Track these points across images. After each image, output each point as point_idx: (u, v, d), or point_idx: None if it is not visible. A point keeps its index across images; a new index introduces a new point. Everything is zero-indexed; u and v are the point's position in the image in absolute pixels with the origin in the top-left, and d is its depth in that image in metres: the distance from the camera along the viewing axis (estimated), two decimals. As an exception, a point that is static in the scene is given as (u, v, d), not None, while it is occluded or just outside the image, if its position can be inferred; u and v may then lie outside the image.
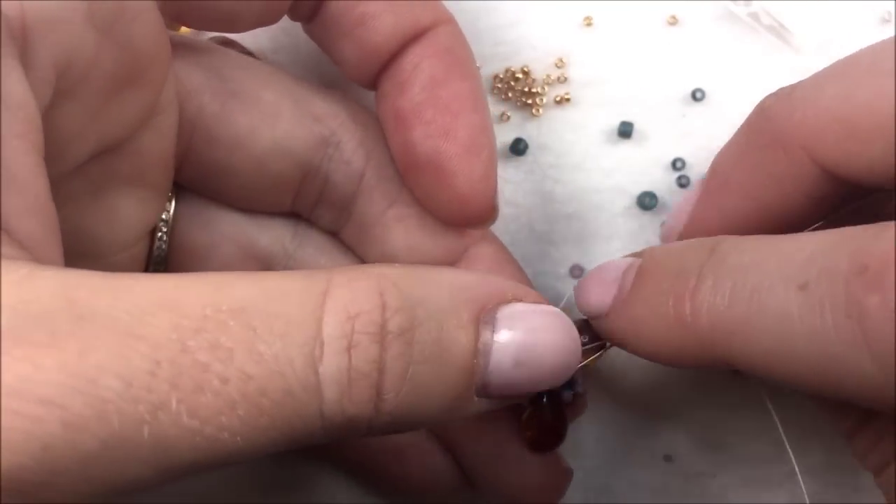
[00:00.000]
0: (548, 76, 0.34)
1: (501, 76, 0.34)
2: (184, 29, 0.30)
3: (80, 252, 0.25)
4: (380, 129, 0.28)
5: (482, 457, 0.29)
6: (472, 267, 0.28)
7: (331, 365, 0.18)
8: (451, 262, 0.28)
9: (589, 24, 0.34)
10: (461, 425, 0.29)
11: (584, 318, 0.26)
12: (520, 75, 0.34)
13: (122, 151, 0.24)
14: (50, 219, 0.19)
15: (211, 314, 0.17)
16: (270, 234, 0.29)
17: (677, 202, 0.29)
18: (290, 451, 0.19)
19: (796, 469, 0.27)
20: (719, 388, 0.33)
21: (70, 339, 0.16)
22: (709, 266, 0.22)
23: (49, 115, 0.20)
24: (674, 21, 0.34)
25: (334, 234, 0.29)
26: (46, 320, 0.16)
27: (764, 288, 0.20)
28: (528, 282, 0.29)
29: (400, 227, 0.28)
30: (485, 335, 0.21)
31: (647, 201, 0.33)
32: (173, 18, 0.25)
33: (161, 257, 0.28)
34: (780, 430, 0.27)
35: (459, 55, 0.26)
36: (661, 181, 0.34)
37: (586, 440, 0.33)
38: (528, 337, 0.22)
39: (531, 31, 0.34)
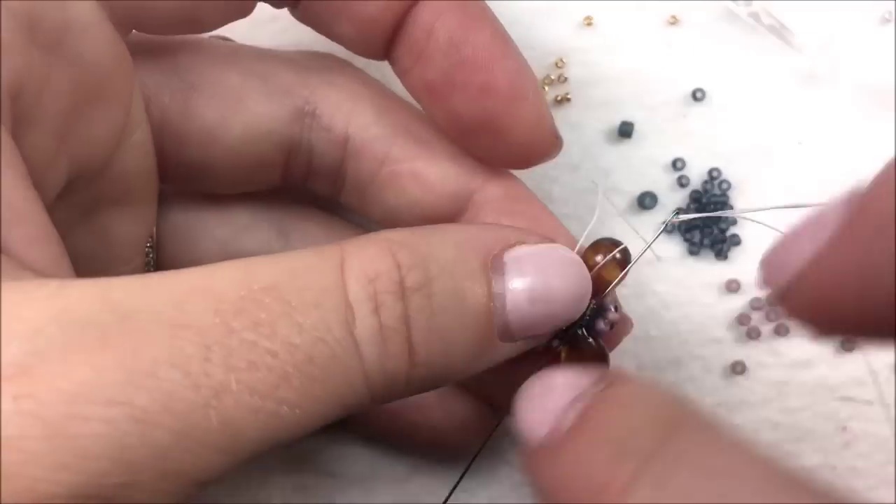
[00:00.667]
0: (548, 76, 0.34)
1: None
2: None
3: (80, 273, 0.25)
4: (356, 86, 0.27)
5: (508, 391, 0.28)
6: (479, 213, 0.27)
7: (364, 326, 0.19)
8: (456, 210, 0.27)
9: (589, 24, 0.34)
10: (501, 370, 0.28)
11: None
12: (519, 75, 0.34)
13: (105, 175, 0.24)
14: (57, 245, 0.20)
15: (246, 294, 0.18)
16: (255, 239, 0.29)
17: (788, 234, 0.20)
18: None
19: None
20: (719, 388, 0.34)
21: (121, 338, 0.16)
22: (655, 461, 0.18)
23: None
24: (674, 21, 0.34)
25: (334, 199, 0.29)
26: (93, 324, 0.17)
27: None
28: (542, 212, 0.28)
29: (396, 185, 0.27)
30: (496, 279, 0.21)
31: (646, 201, 0.33)
32: (129, 26, 0.24)
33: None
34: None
35: (469, 6, 0.25)
36: (661, 181, 0.34)
37: (585, 440, 0.33)
38: (537, 274, 0.22)
39: (531, 31, 0.34)
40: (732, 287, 0.34)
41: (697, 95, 0.34)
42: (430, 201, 0.27)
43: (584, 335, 0.25)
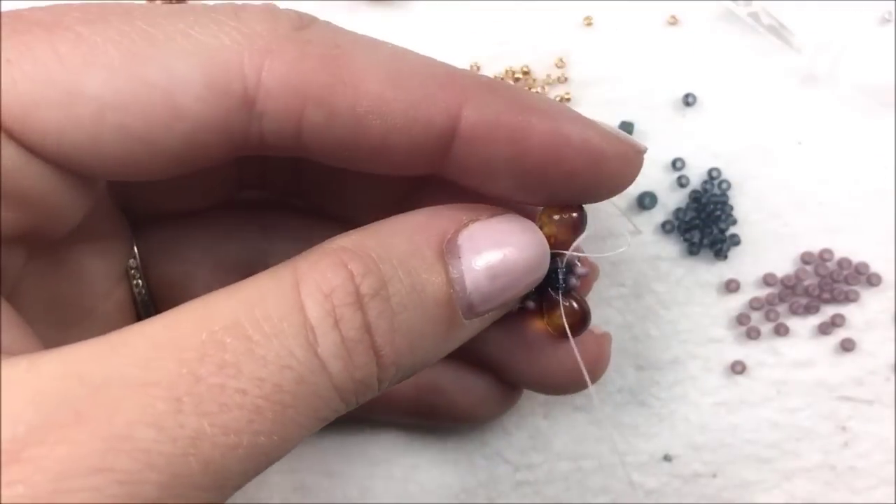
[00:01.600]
0: (548, 76, 0.34)
1: (502, 76, 0.34)
2: None
3: (67, 317, 0.25)
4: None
5: (522, 359, 0.29)
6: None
7: (326, 343, 0.20)
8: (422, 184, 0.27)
9: (589, 24, 0.34)
10: (493, 341, 0.28)
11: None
12: (520, 75, 0.34)
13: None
14: (13, 317, 0.21)
15: (207, 337, 0.19)
16: (238, 243, 0.29)
17: None
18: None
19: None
20: (719, 388, 0.34)
21: (94, 409, 0.17)
22: None
23: None
24: (674, 21, 0.34)
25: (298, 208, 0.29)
26: (66, 401, 0.17)
27: None
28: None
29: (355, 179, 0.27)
30: (453, 263, 0.22)
31: (646, 201, 0.33)
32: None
33: (145, 299, 0.28)
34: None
35: (508, 119, 0.23)
36: (661, 181, 0.34)
37: (586, 440, 0.34)
38: (493, 249, 0.22)
39: (531, 31, 0.34)
40: (732, 287, 0.34)
41: (689, 100, 0.34)
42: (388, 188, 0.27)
43: (559, 297, 0.25)
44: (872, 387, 0.34)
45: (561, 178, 0.23)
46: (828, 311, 0.34)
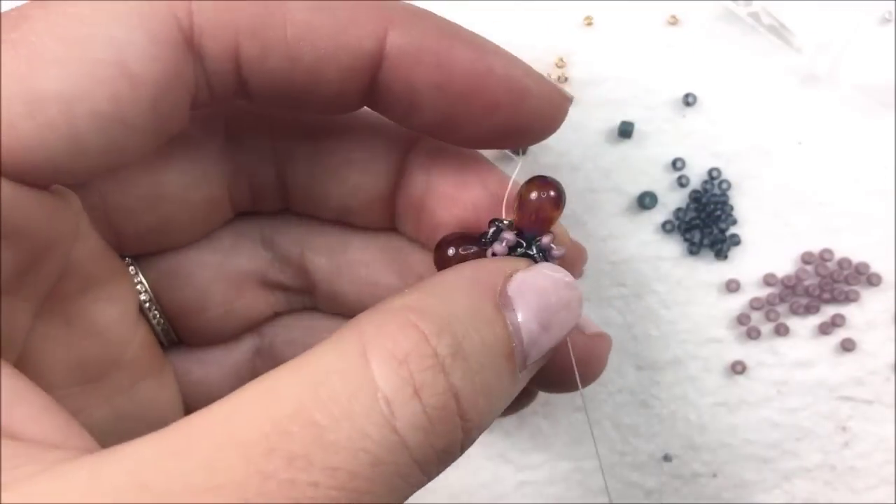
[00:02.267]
0: (548, 76, 0.34)
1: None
2: None
3: (92, 373, 0.25)
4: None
5: None
6: (414, 172, 0.27)
7: (405, 416, 0.18)
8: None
9: (589, 24, 0.34)
10: None
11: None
12: (520, 75, 0.34)
13: (60, 277, 0.24)
14: (51, 405, 0.19)
15: (271, 429, 0.17)
16: (245, 255, 0.28)
17: None
18: None
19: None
20: (719, 388, 0.34)
21: None
22: None
23: None
24: (674, 21, 0.34)
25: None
26: None
27: None
28: (480, 163, 0.27)
29: (339, 177, 0.27)
30: (509, 316, 0.21)
31: (646, 201, 0.33)
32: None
33: (166, 328, 0.28)
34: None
35: (433, 44, 0.23)
36: (661, 181, 0.34)
37: (584, 440, 0.34)
38: (540, 300, 0.22)
39: (531, 31, 0.34)
40: (732, 287, 0.34)
41: (697, 95, 0.34)
42: (375, 189, 0.27)
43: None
44: (872, 387, 0.34)
45: (484, 110, 0.23)
46: (828, 311, 0.34)
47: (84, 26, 0.19)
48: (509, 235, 0.24)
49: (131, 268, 0.27)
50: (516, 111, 0.23)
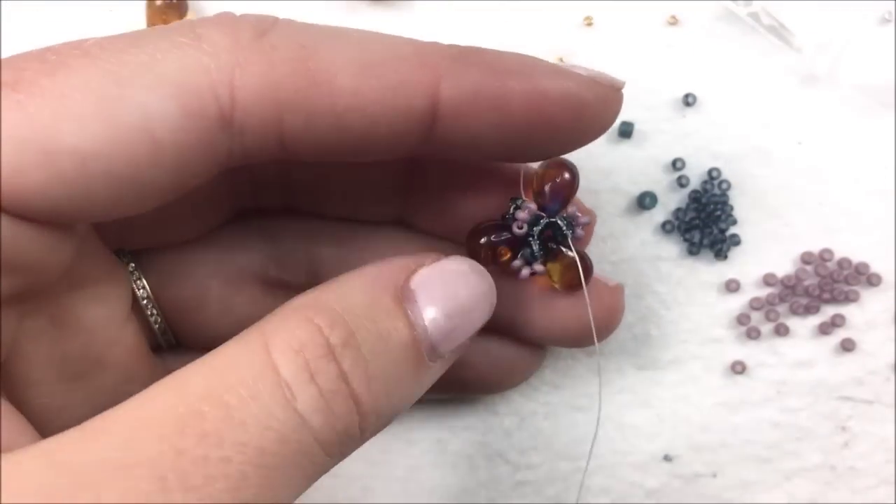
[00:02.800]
0: (548, 76, 0.34)
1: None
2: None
3: (76, 371, 0.25)
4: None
5: (537, 317, 0.29)
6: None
7: (304, 398, 0.19)
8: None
9: (589, 24, 0.34)
10: (507, 303, 0.28)
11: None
12: (520, 75, 0.34)
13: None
14: (12, 415, 0.20)
15: (185, 410, 0.18)
16: (245, 253, 0.29)
17: None
18: None
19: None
20: (719, 388, 0.34)
21: (77, 498, 0.17)
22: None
23: None
24: (674, 21, 0.34)
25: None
26: (49, 494, 0.17)
27: None
28: None
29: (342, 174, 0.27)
30: (411, 308, 0.22)
31: (646, 201, 0.33)
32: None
33: (163, 327, 0.28)
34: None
35: (486, 86, 0.23)
36: (660, 181, 0.34)
37: (584, 440, 0.34)
38: (445, 291, 0.23)
39: (531, 31, 0.34)
40: (732, 287, 0.34)
41: (697, 95, 0.34)
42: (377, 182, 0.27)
43: (571, 251, 0.26)
44: (872, 387, 0.34)
45: (545, 133, 0.23)
46: (828, 311, 0.34)
47: (118, 87, 0.20)
48: (531, 206, 0.25)
49: (131, 265, 0.27)
50: (576, 124, 0.24)
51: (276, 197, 0.28)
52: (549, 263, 0.26)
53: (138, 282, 0.27)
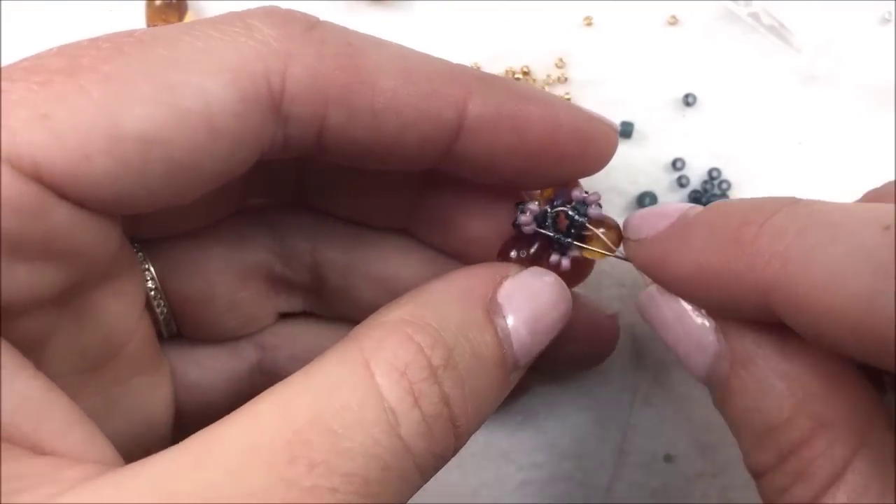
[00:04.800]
0: (548, 76, 0.34)
1: (502, 76, 0.34)
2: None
3: (94, 361, 0.25)
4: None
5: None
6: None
7: (408, 423, 0.19)
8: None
9: (589, 24, 0.34)
10: None
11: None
12: (520, 75, 0.34)
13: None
14: (80, 418, 0.20)
15: (293, 438, 0.18)
16: (252, 249, 0.28)
17: (645, 214, 0.26)
18: None
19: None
20: (719, 388, 0.34)
21: None
22: (789, 206, 0.21)
23: None
24: (674, 21, 0.34)
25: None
26: None
27: (844, 223, 0.19)
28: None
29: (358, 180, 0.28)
30: (499, 323, 0.23)
31: (646, 201, 0.33)
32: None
33: (168, 319, 0.28)
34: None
35: (509, 111, 0.24)
36: (660, 181, 0.34)
37: (587, 440, 0.33)
38: (529, 306, 0.23)
39: (531, 31, 0.34)
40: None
41: (689, 100, 0.34)
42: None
43: (590, 228, 0.26)
44: (873, 386, 0.34)
45: (553, 159, 0.24)
46: (829, 311, 0.34)
47: (178, 73, 0.20)
48: (531, 206, 0.26)
49: (140, 255, 0.27)
50: (582, 156, 0.25)
51: (287, 193, 0.29)
52: (587, 245, 0.26)
53: (147, 272, 0.27)
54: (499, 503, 0.33)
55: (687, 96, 0.34)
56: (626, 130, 0.34)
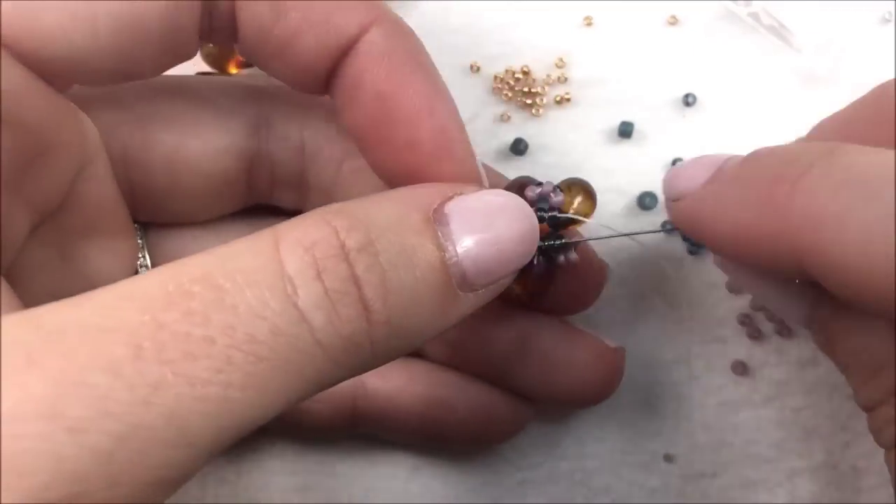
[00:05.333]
0: (548, 76, 0.34)
1: (502, 76, 0.34)
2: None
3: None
4: (306, 95, 0.26)
5: (533, 373, 0.29)
6: None
7: (307, 295, 0.19)
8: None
9: (589, 24, 0.34)
10: (504, 354, 0.28)
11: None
12: (520, 75, 0.34)
13: (66, 207, 0.24)
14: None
15: (174, 289, 0.18)
16: None
17: (682, 168, 0.26)
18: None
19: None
20: (721, 387, 0.33)
21: (47, 355, 0.16)
22: (824, 159, 0.20)
23: None
24: (674, 21, 0.34)
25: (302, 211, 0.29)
26: (18, 345, 0.16)
27: (880, 179, 0.18)
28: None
29: (358, 180, 0.27)
30: (442, 231, 0.21)
31: (646, 201, 0.33)
32: (66, 82, 0.24)
33: None
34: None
35: (400, 58, 0.24)
36: (661, 181, 0.34)
37: (586, 440, 0.33)
38: (480, 219, 0.22)
39: (531, 31, 0.34)
40: (734, 287, 0.34)
41: (689, 100, 0.34)
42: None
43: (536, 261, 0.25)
44: (874, 386, 0.33)
45: (406, 142, 0.24)
46: (829, 311, 0.34)
47: None
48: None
49: (139, 237, 0.28)
50: (433, 163, 0.24)
51: (290, 198, 0.29)
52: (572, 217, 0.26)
53: (142, 258, 0.28)
54: (498, 503, 0.33)
55: (687, 96, 0.34)
56: (626, 130, 0.34)
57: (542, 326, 0.29)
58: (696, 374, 0.34)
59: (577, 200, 0.26)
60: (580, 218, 0.26)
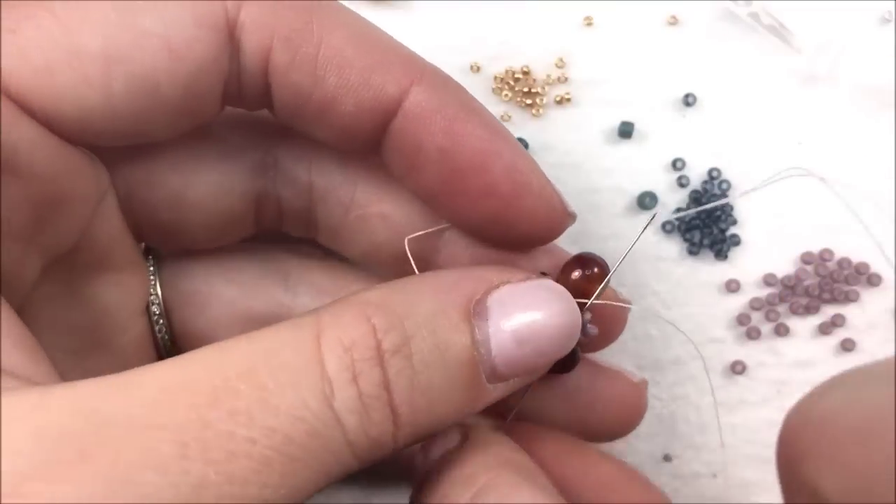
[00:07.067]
0: (548, 76, 0.34)
1: (502, 76, 0.34)
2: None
3: (83, 346, 0.25)
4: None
5: (557, 411, 0.29)
6: (454, 247, 0.27)
7: (343, 398, 0.19)
8: (430, 247, 0.27)
9: (589, 24, 0.34)
10: (527, 392, 0.28)
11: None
12: (520, 75, 0.34)
13: (76, 246, 0.24)
14: (30, 342, 0.20)
15: (220, 384, 0.18)
16: (263, 297, 0.28)
17: None
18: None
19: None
20: (719, 387, 0.34)
21: (98, 448, 0.17)
22: None
23: None
24: (674, 21, 0.34)
25: (313, 241, 0.29)
26: (70, 437, 0.17)
27: None
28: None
29: (366, 228, 0.27)
30: (479, 325, 0.22)
31: (646, 201, 0.33)
32: (79, 142, 0.23)
33: (167, 343, 0.28)
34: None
35: (453, 110, 0.23)
36: (661, 181, 0.34)
37: (585, 440, 0.34)
38: (522, 313, 0.22)
39: (531, 31, 0.34)
40: (732, 287, 0.34)
41: (689, 100, 0.34)
42: (401, 242, 0.27)
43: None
44: (872, 387, 0.34)
45: (481, 190, 0.24)
46: (828, 312, 0.34)
47: None
48: None
49: (150, 266, 0.27)
50: (513, 203, 0.24)
51: (299, 230, 0.29)
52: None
53: (153, 287, 0.27)
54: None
55: (687, 96, 0.34)
56: (626, 130, 0.34)
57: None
58: (694, 375, 0.34)
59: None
60: (615, 303, 0.26)
